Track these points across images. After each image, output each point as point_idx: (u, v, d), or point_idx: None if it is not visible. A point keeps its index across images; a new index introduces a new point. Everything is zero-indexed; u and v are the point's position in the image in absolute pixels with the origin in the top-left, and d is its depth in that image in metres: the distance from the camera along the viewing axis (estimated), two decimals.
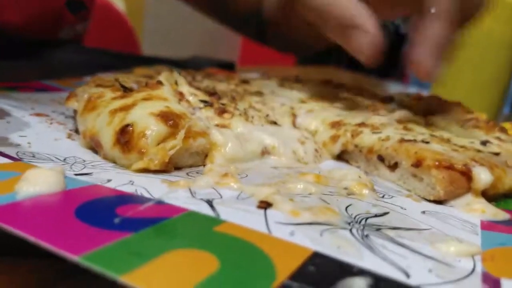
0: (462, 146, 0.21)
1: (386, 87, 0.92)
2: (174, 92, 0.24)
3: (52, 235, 0.11)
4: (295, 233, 0.14)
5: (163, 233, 0.13)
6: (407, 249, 0.14)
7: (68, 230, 0.12)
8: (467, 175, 0.18)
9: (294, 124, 0.25)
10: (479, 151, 0.21)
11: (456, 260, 0.13)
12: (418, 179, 0.19)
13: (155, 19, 1.34)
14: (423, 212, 0.18)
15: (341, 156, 0.24)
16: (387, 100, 0.30)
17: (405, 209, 0.18)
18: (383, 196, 0.19)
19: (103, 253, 0.11)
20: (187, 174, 0.19)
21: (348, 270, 0.12)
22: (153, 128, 0.19)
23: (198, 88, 0.25)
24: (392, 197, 0.19)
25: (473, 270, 0.13)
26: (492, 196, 0.19)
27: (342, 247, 0.13)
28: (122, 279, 0.10)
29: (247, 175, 0.19)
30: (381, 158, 0.21)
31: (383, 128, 0.23)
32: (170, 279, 0.10)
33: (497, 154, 0.21)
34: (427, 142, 0.21)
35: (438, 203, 0.19)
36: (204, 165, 0.20)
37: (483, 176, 0.18)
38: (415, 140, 0.21)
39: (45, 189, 0.14)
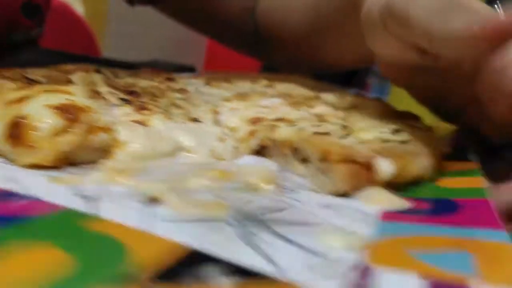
0: (372, 139, 0.21)
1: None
2: (90, 91, 0.23)
3: None
4: (171, 228, 0.13)
5: (23, 230, 0.12)
6: (288, 242, 0.13)
7: None
8: (369, 168, 0.18)
9: (216, 122, 0.25)
10: (387, 141, 0.21)
11: (338, 252, 0.13)
12: (324, 173, 0.19)
13: (119, 23, 1.31)
14: (323, 206, 0.17)
15: (261, 152, 0.23)
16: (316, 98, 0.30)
17: (305, 204, 0.17)
18: (288, 192, 0.18)
19: None
20: (82, 170, 0.18)
21: (213, 262, 0.11)
22: (47, 121, 0.18)
23: (116, 87, 0.25)
24: (297, 192, 0.19)
25: (352, 261, 0.13)
26: (399, 185, 0.19)
27: (219, 242, 0.13)
28: None
29: (148, 172, 0.18)
30: (295, 151, 0.21)
31: (299, 122, 0.22)
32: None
33: (405, 142, 0.21)
34: (342, 136, 0.21)
35: (342, 197, 0.19)
36: None
37: (384, 168, 0.18)
38: (327, 133, 0.21)
39: None
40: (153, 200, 0.15)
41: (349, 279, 0.11)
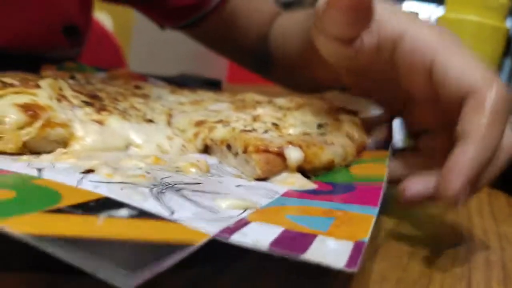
0: (295, 133, 0.25)
1: (364, 104, 0.97)
2: (57, 94, 0.26)
3: None
4: (99, 187, 0.16)
5: None
6: (189, 201, 0.16)
7: None
8: (281, 155, 0.22)
9: (169, 124, 0.28)
10: (308, 134, 0.24)
11: (225, 211, 0.16)
12: (247, 162, 0.22)
13: (144, 37, 1.36)
14: (238, 186, 0.20)
15: (207, 151, 0.27)
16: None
17: (223, 183, 0.20)
18: (214, 176, 0.22)
19: None
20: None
21: (121, 205, 0.14)
22: (11, 116, 0.21)
23: (81, 92, 0.28)
24: (222, 176, 0.22)
25: (234, 217, 0.16)
26: (310, 170, 0.22)
27: (131, 196, 0.16)
28: None
29: (92, 157, 0.22)
30: (229, 147, 0.24)
31: (234, 123, 0.26)
32: None
33: (323, 134, 0.24)
34: (265, 131, 0.24)
35: (262, 181, 0.22)
36: None
37: (293, 155, 0.22)
38: (253, 130, 0.24)
39: None
40: (89, 171, 0.18)
41: (224, 224, 0.14)
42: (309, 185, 0.21)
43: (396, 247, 0.24)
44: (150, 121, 0.28)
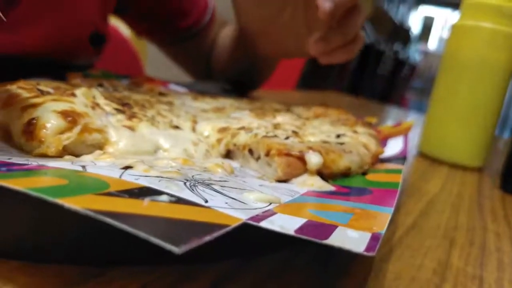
0: (315, 141, 0.26)
1: (385, 111, 0.98)
2: (91, 102, 0.28)
3: None
4: (139, 179, 0.18)
5: (35, 172, 0.17)
6: (220, 194, 0.18)
7: None
8: (301, 159, 0.23)
9: (193, 130, 0.30)
10: (326, 142, 0.26)
11: (253, 203, 0.18)
12: (269, 165, 0.24)
13: None
14: (261, 185, 0.22)
15: (229, 155, 0.28)
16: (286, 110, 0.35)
17: (246, 182, 0.22)
18: (238, 176, 0.23)
19: None
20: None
21: (161, 193, 0.16)
22: (52, 122, 0.23)
23: (112, 100, 0.30)
24: (244, 177, 0.23)
25: (261, 208, 0.17)
26: (328, 175, 0.24)
27: (169, 186, 0.17)
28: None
29: (126, 159, 0.23)
30: (251, 152, 0.26)
31: (256, 130, 0.27)
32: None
33: (342, 143, 0.26)
34: (287, 138, 0.26)
35: (283, 182, 0.23)
36: None
37: (313, 159, 0.23)
38: (274, 136, 0.26)
39: None
40: (127, 168, 0.20)
41: (253, 213, 0.16)
42: (327, 187, 0.23)
43: (411, 248, 0.25)
44: (177, 127, 0.29)
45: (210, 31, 0.64)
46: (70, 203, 0.12)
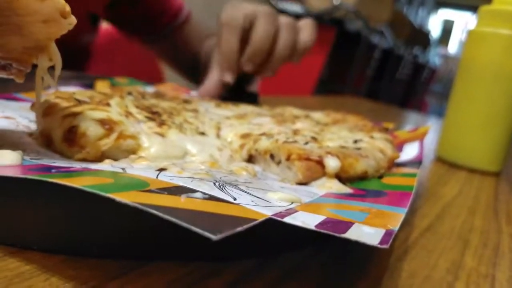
0: (333, 146, 0.27)
1: (404, 116, 0.98)
2: (124, 111, 0.31)
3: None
4: (173, 179, 0.20)
5: (82, 173, 0.20)
6: (246, 193, 0.20)
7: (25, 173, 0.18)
8: (320, 163, 0.25)
9: (218, 136, 0.32)
10: (344, 147, 0.27)
11: (276, 202, 0.19)
12: (289, 168, 0.26)
13: None
14: (282, 187, 0.24)
15: (251, 160, 0.30)
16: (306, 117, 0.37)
17: (268, 184, 0.24)
18: (259, 179, 0.25)
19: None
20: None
21: (195, 191, 0.18)
22: (92, 130, 0.25)
23: (143, 108, 0.32)
24: (266, 180, 0.25)
25: (284, 206, 0.19)
26: (346, 178, 0.25)
27: (200, 186, 0.19)
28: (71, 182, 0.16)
29: (159, 163, 0.26)
30: (272, 157, 0.28)
31: (276, 136, 0.29)
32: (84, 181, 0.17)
33: (359, 148, 0.27)
34: (306, 143, 0.27)
35: (302, 185, 0.25)
36: None
37: (331, 163, 0.24)
38: (294, 142, 0.27)
39: (8, 162, 0.21)
40: (161, 170, 0.22)
41: (277, 210, 0.18)
42: (345, 189, 0.24)
43: (426, 249, 0.26)
44: (203, 133, 0.31)
45: (184, 30, 0.75)
46: (119, 197, 0.14)
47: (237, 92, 0.53)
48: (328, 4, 2.06)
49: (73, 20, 0.22)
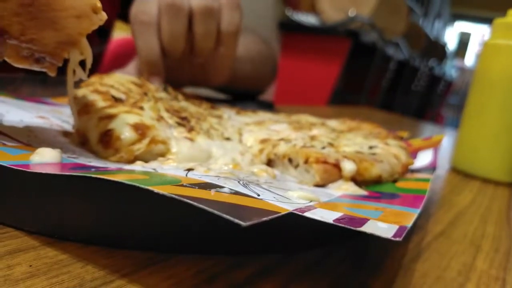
0: (349, 151, 0.29)
1: (419, 127, 0.99)
2: (156, 115, 0.33)
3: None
4: (202, 177, 0.22)
5: (119, 171, 0.22)
6: (268, 190, 0.21)
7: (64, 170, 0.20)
8: (337, 166, 0.26)
9: (240, 141, 0.34)
10: (360, 152, 0.29)
11: (296, 199, 0.21)
12: (307, 171, 0.27)
13: None
14: (300, 188, 0.25)
15: (270, 164, 0.32)
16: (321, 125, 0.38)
17: (288, 185, 0.25)
18: (278, 180, 0.26)
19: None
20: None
21: (222, 187, 0.19)
22: (126, 134, 0.27)
23: (173, 113, 0.35)
24: (285, 181, 0.27)
25: (303, 203, 0.20)
26: (362, 182, 0.27)
27: (226, 183, 0.21)
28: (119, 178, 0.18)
29: (186, 165, 0.27)
30: (290, 160, 0.29)
31: (294, 141, 0.31)
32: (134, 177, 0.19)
33: (374, 154, 0.29)
34: (323, 148, 0.29)
35: (319, 187, 0.26)
36: None
37: (347, 167, 0.26)
38: (312, 147, 0.29)
39: (49, 160, 0.23)
40: (189, 169, 0.24)
41: (297, 206, 0.19)
42: (360, 191, 0.25)
43: (438, 252, 0.27)
44: (228, 139, 0.33)
45: None
46: (156, 189, 0.16)
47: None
48: (343, 15, 2.08)
49: (103, 16, 0.23)
